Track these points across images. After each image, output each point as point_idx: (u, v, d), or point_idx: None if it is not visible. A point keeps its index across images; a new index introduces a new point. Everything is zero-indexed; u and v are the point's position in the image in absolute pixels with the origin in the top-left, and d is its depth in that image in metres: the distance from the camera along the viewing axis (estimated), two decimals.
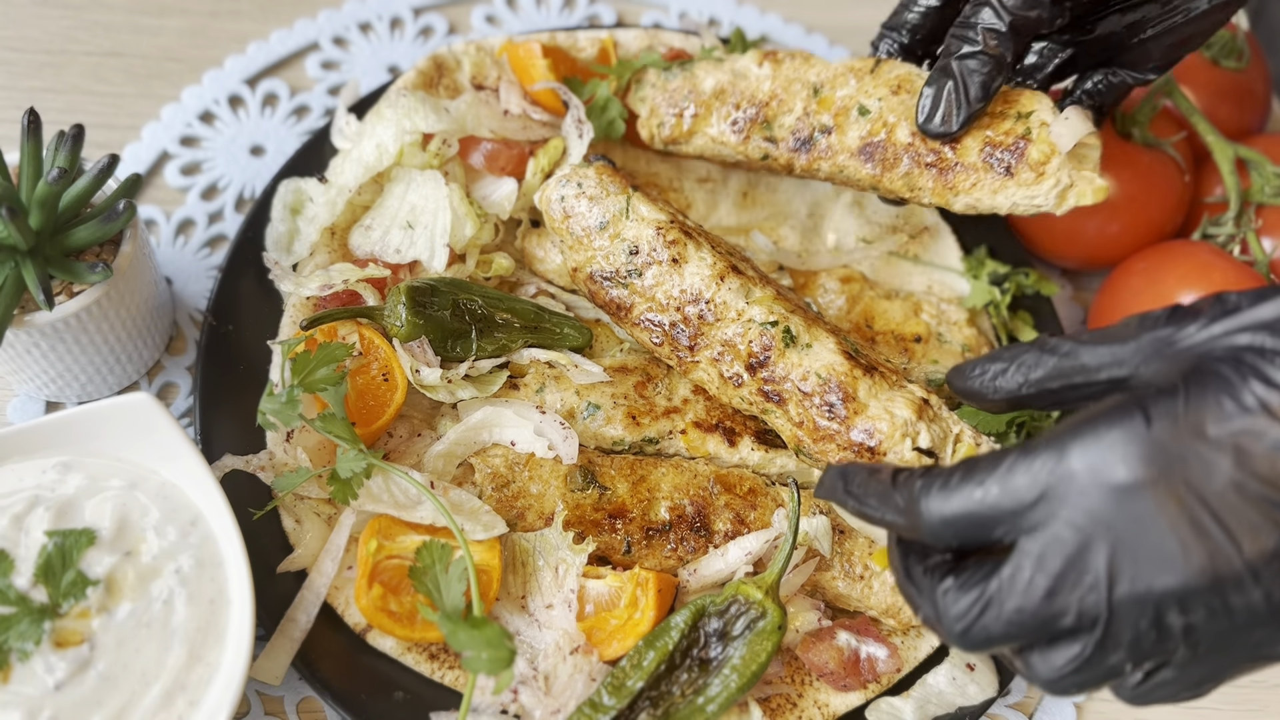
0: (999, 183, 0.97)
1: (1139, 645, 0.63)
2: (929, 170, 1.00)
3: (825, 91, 1.05)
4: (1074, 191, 0.96)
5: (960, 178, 0.99)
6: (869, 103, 1.02)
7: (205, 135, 1.31)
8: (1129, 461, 0.61)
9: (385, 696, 0.99)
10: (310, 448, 1.04)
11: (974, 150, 0.98)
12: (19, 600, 0.88)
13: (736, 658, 0.95)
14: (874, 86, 1.03)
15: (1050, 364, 0.73)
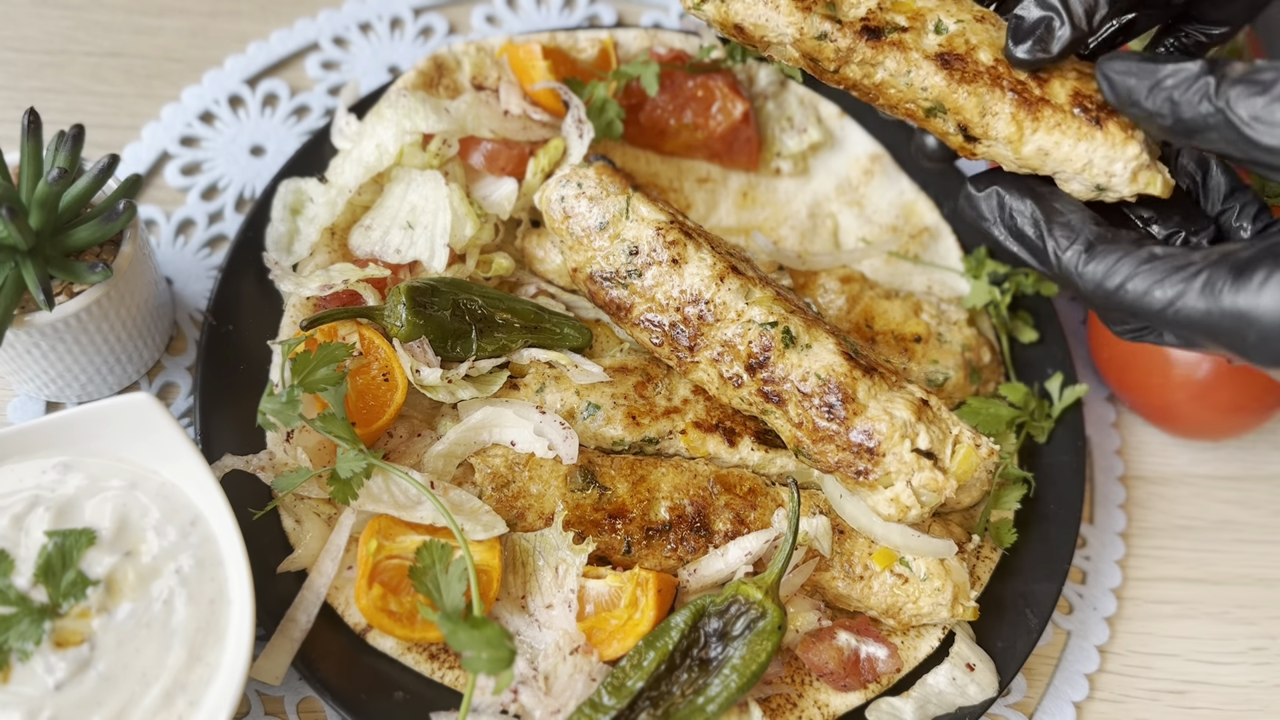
0: (1086, 130, 0.88)
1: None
2: (1010, 95, 0.90)
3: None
4: (1146, 175, 0.88)
5: (1045, 111, 0.89)
6: (948, 21, 0.92)
7: (205, 135, 1.31)
8: None
9: (385, 696, 0.99)
10: (310, 448, 1.04)
11: (1063, 94, 0.89)
12: (19, 600, 0.88)
13: (736, 658, 0.95)
14: (957, 7, 0.93)
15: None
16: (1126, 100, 0.82)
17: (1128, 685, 1.13)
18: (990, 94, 0.90)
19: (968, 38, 0.92)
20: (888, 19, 0.93)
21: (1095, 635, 1.14)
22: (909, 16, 0.93)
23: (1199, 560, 1.20)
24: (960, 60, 0.91)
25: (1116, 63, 0.82)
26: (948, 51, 0.91)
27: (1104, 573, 1.18)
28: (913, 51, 0.91)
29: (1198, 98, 0.77)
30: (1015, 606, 1.08)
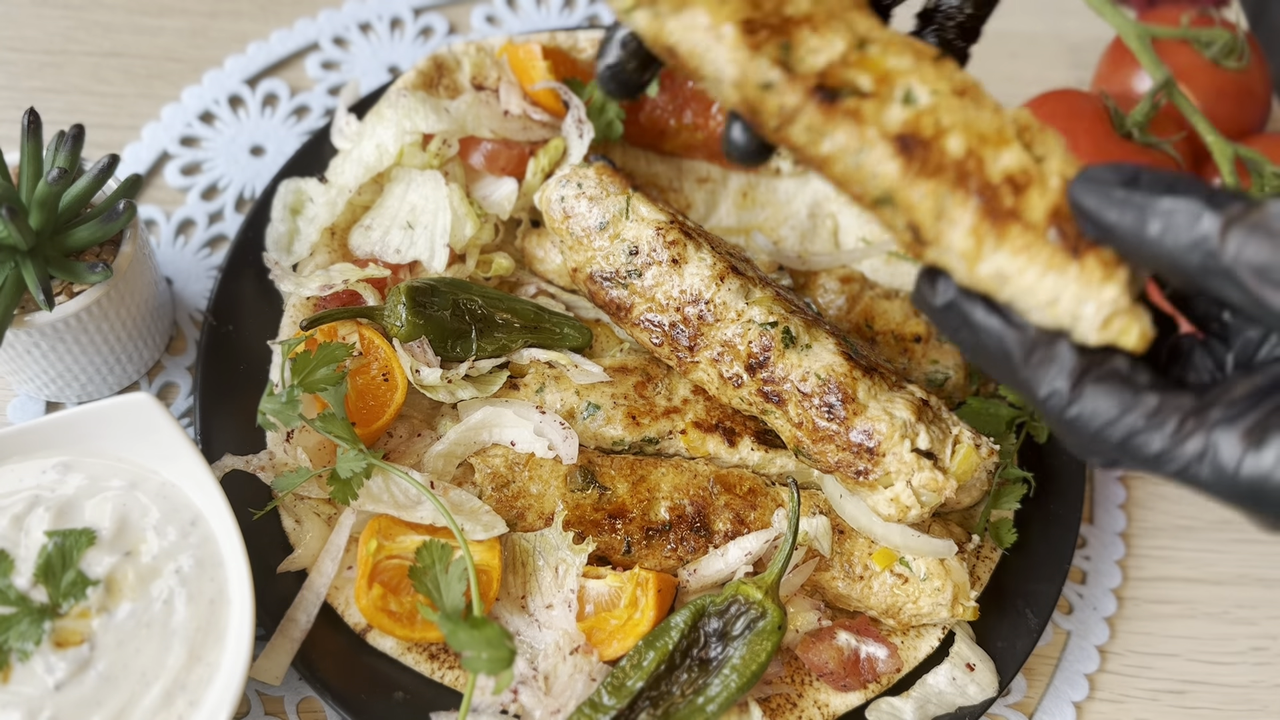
0: (1059, 261, 0.70)
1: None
2: (975, 201, 0.71)
3: (872, 50, 0.75)
4: (1121, 322, 0.70)
5: (1014, 229, 0.71)
6: (921, 92, 0.74)
7: (205, 135, 1.31)
8: None
9: (385, 696, 0.99)
10: (310, 448, 1.04)
11: (1040, 208, 0.71)
12: (19, 600, 0.88)
13: (736, 658, 0.95)
14: (934, 75, 0.75)
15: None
16: (1109, 238, 0.68)
17: (1128, 685, 1.13)
18: (951, 196, 0.72)
19: (939, 117, 0.73)
20: (849, 78, 0.74)
21: (1095, 635, 1.14)
22: (875, 78, 0.74)
23: (1199, 560, 1.20)
24: (924, 147, 0.72)
25: (1091, 195, 0.67)
26: (911, 133, 0.73)
27: (1104, 573, 1.18)
28: (870, 127, 0.73)
29: (1196, 249, 0.63)
30: (1015, 606, 1.08)
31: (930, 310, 0.76)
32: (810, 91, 0.73)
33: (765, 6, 0.73)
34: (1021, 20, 1.52)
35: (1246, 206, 0.62)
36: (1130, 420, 0.67)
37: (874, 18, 0.77)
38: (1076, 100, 1.25)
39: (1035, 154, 0.72)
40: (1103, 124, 1.22)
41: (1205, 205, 0.63)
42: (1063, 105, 1.25)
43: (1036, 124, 0.74)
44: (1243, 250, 0.61)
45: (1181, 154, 1.26)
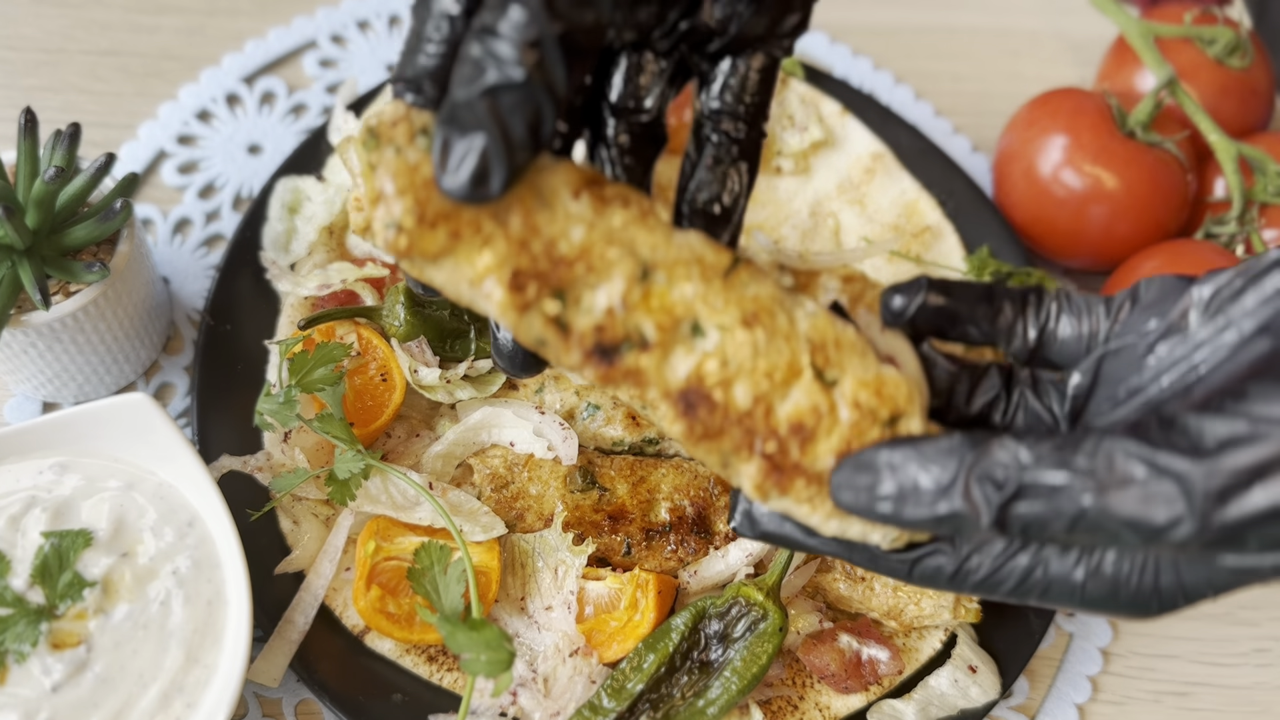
0: (839, 511, 0.69)
1: None
2: (760, 460, 0.67)
3: (657, 280, 0.66)
4: (909, 537, 0.71)
5: (797, 484, 0.68)
6: (709, 327, 0.66)
7: (202, 134, 1.30)
8: None
9: (383, 698, 0.98)
10: (308, 448, 1.03)
11: (825, 456, 0.67)
12: (15, 602, 0.88)
13: (737, 660, 0.95)
14: (723, 302, 0.67)
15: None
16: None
17: (1130, 687, 1.12)
18: (737, 454, 0.68)
19: (726, 359, 0.66)
20: (631, 327, 0.65)
21: (1098, 637, 1.14)
22: (660, 322, 0.66)
23: None
24: (707, 402, 0.66)
25: (848, 497, 0.66)
26: (695, 388, 0.66)
27: None
28: (651, 388, 0.66)
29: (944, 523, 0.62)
30: (1017, 608, 1.08)
31: (753, 536, 0.76)
32: (588, 354, 0.65)
33: (534, 248, 0.63)
34: (1024, 18, 1.51)
35: (976, 457, 0.61)
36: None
37: (661, 225, 0.68)
38: (1079, 99, 1.25)
39: (829, 378, 0.68)
40: (1105, 123, 1.22)
41: (963, 452, 0.62)
42: (1065, 104, 1.25)
43: (833, 335, 0.69)
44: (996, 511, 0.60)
45: (1185, 153, 1.25)
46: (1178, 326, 0.66)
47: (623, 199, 0.67)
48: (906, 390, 0.69)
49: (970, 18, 1.50)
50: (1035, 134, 1.25)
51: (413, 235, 0.62)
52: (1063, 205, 1.23)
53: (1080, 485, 0.57)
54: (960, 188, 1.29)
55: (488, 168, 0.58)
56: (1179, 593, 0.64)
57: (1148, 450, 0.56)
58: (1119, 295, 0.71)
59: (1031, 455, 0.59)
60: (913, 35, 1.48)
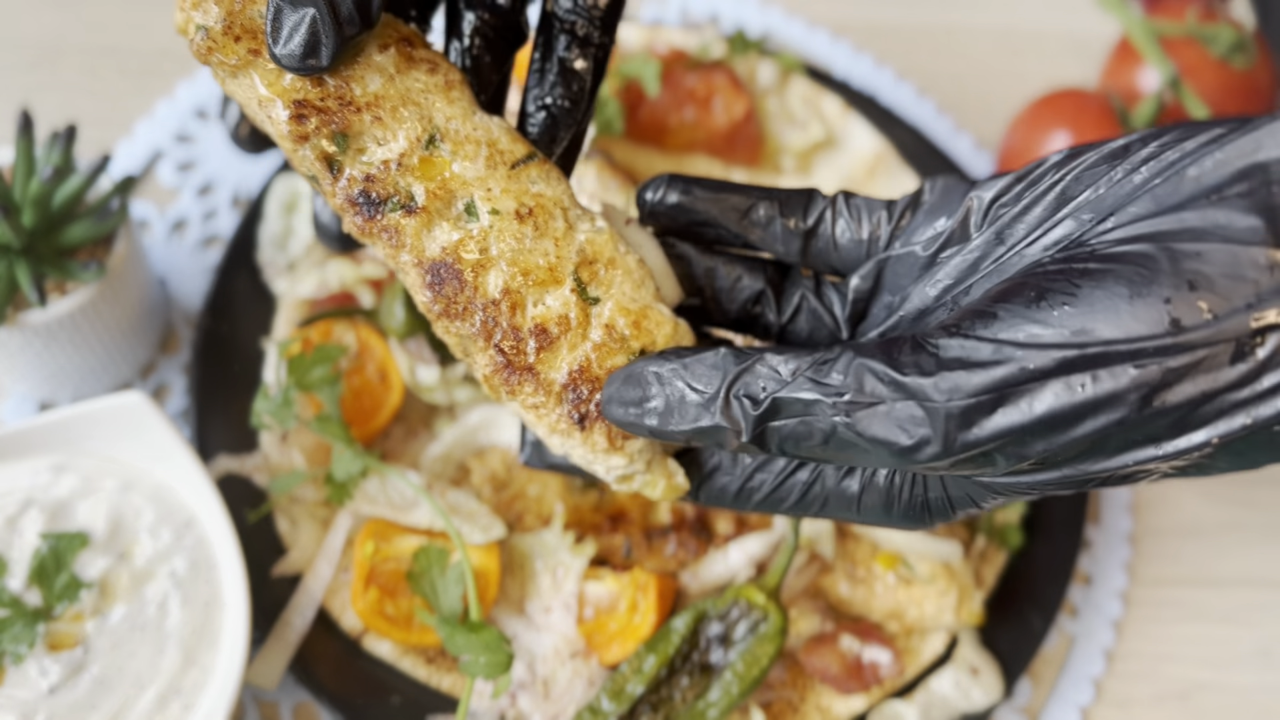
0: (563, 426, 0.67)
1: None
2: (495, 352, 0.67)
3: (441, 150, 0.67)
4: (643, 479, 0.69)
5: (525, 389, 0.67)
6: (482, 208, 0.66)
7: (200, 133, 1.30)
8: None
9: (382, 701, 0.98)
10: (306, 449, 1.03)
11: (564, 369, 0.66)
12: (12, 603, 0.88)
13: (738, 662, 0.95)
14: (502, 188, 0.67)
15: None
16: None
17: (1133, 689, 1.12)
18: (474, 341, 0.67)
19: (487, 244, 0.66)
20: (400, 185, 0.66)
21: (1100, 639, 1.13)
22: (433, 188, 0.66)
23: (1205, 563, 1.19)
24: (457, 280, 0.65)
25: (618, 414, 0.65)
26: (448, 262, 0.66)
27: (1109, 575, 1.17)
28: (404, 250, 0.66)
29: (709, 434, 0.62)
30: (1020, 610, 1.07)
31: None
32: (353, 201, 0.65)
33: (328, 86, 0.65)
34: (1027, 17, 1.51)
35: (739, 373, 0.61)
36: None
37: (464, 100, 0.68)
38: (1082, 99, 1.25)
39: (590, 294, 0.67)
40: (1108, 122, 1.22)
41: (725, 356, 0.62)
42: (1068, 104, 1.24)
43: (609, 255, 0.68)
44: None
45: None
46: (959, 235, 0.65)
47: (430, 64, 0.68)
48: (669, 331, 0.68)
49: (972, 16, 1.49)
50: (1038, 133, 1.24)
51: (217, 42, 0.65)
52: None
53: (831, 403, 0.58)
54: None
55: (317, 40, 0.62)
56: (946, 505, 0.66)
57: (895, 372, 0.57)
58: (903, 199, 0.70)
59: (789, 370, 0.59)
60: (914, 33, 1.47)
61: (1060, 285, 0.56)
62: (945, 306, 0.65)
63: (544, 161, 0.69)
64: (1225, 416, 0.54)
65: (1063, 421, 0.54)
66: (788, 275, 0.74)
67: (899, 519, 0.67)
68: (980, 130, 1.41)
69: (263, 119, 0.66)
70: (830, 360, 0.59)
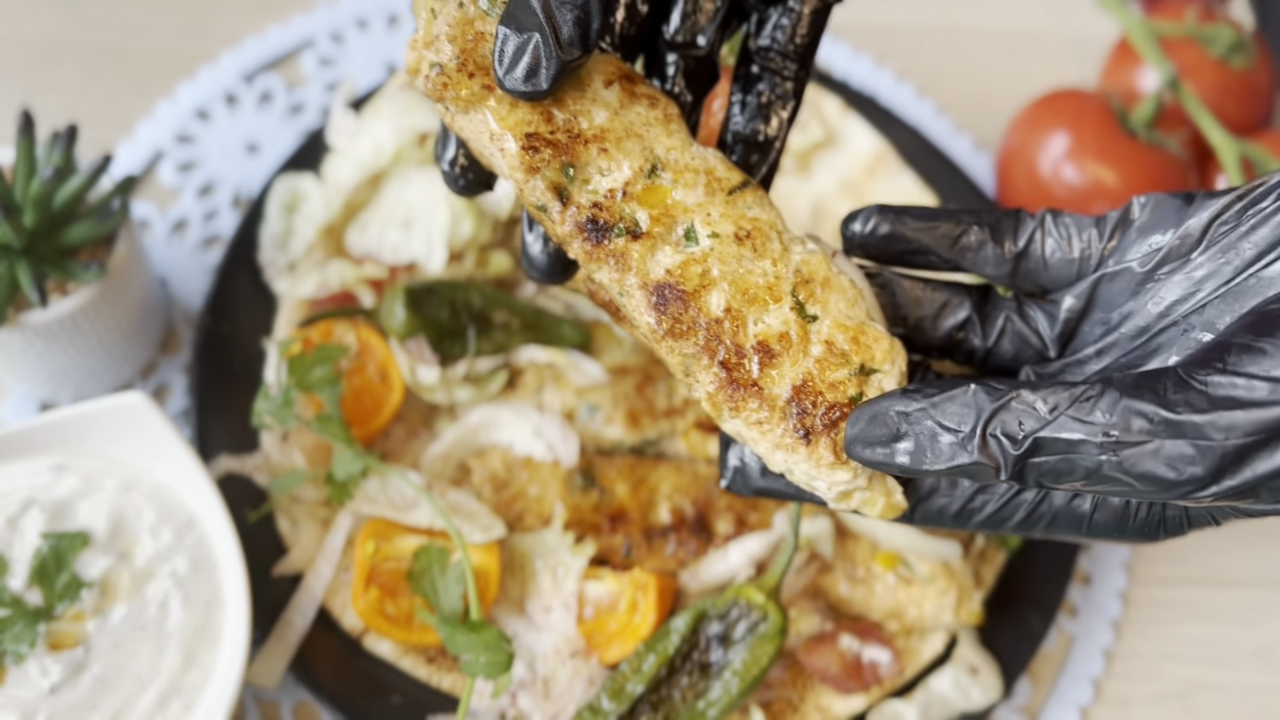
0: (788, 441, 0.67)
1: None
2: (719, 369, 0.68)
3: (663, 178, 0.70)
4: (862, 497, 0.69)
5: (750, 405, 0.67)
6: (702, 232, 0.69)
7: (200, 132, 1.30)
8: None
9: (382, 700, 0.98)
10: (306, 449, 1.03)
11: (785, 383, 0.67)
12: (13, 603, 0.88)
13: (738, 662, 0.95)
14: (720, 213, 0.70)
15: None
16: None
17: (1133, 689, 1.12)
18: (698, 360, 0.68)
19: (708, 266, 0.68)
20: (624, 212, 0.68)
21: (1100, 638, 1.13)
22: (656, 214, 0.69)
23: (1204, 562, 1.19)
24: (681, 301, 0.68)
25: (863, 452, 0.65)
26: (674, 284, 0.68)
27: (1109, 575, 1.17)
28: (631, 274, 0.68)
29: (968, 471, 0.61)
30: (1019, 609, 1.07)
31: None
32: (580, 226, 0.68)
33: (556, 120, 0.69)
34: (1027, 17, 1.51)
35: (994, 410, 0.60)
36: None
37: (682, 132, 0.72)
38: (1081, 100, 1.25)
39: (808, 312, 0.69)
40: (1108, 122, 1.22)
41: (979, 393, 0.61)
42: (1068, 104, 1.24)
43: (824, 275, 0.70)
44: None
45: (1187, 152, 1.25)
46: (1177, 251, 0.65)
47: (651, 99, 0.71)
48: (887, 347, 0.69)
49: (972, 16, 1.49)
50: (1038, 133, 1.24)
51: (452, 79, 0.68)
52: (1065, 204, 1.22)
53: (1097, 441, 0.58)
54: (962, 186, 1.29)
55: (538, 64, 0.65)
56: (1183, 520, 0.66)
57: (1167, 411, 0.57)
58: (1111, 215, 0.70)
59: (1047, 408, 0.59)
60: (914, 33, 1.47)
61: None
62: (1174, 325, 0.65)
63: (757, 188, 0.72)
64: None
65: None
66: (989, 298, 0.75)
67: (1131, 534, 0.67)
68: (980, 130, 1.41)
69: (492, 153, 0.69)
70: (1093, 398, 0.58)
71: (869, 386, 0.68)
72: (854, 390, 0.68)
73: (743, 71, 0.77)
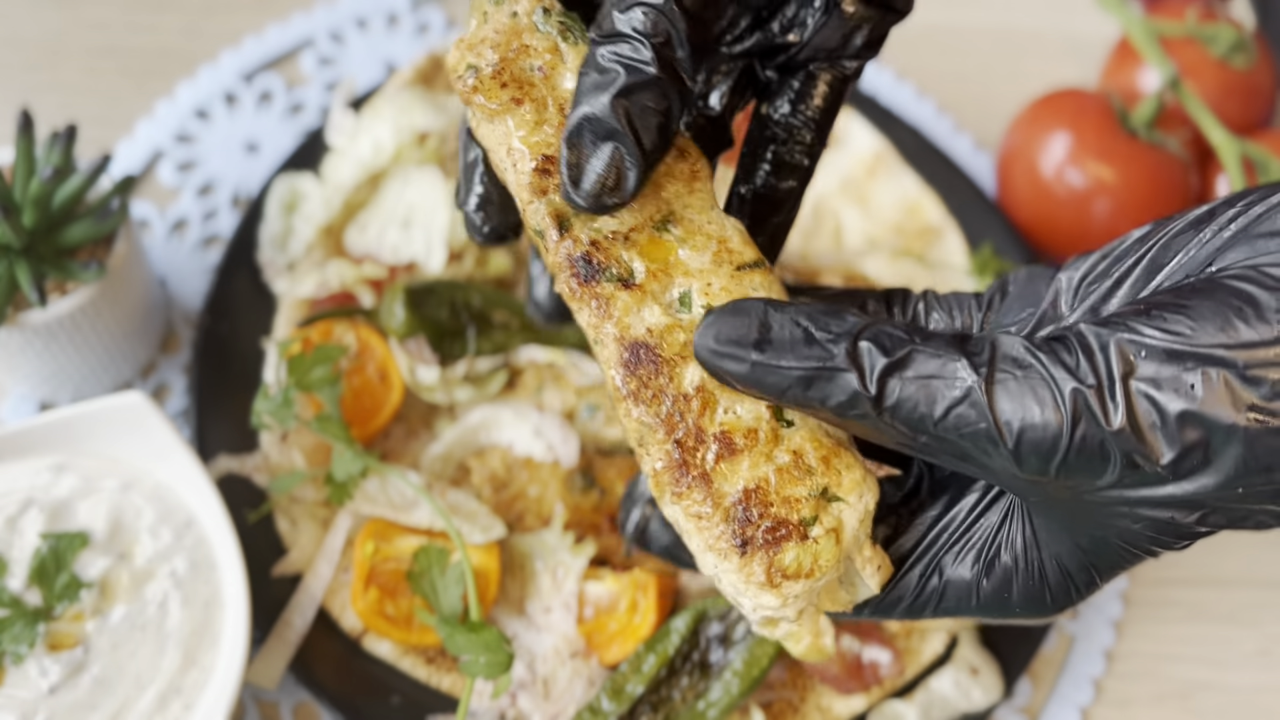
0: (722, 546, 0.62)
1: None
2: (673, 448, 0.62)
3: (672, 232, 0.65)
4: (785, 629, 0.64)
5: (694, 495, 0.62)
6: (697, 299, 0.63)
7: (200, 132, 1.30)
8: None
9: (382, 700, 0.98)
10: (306, 449, 1.03)
11: (738, 482, 0.62)
12: (13, 603, 0.88)
13: (738, 662, 0.94)
14: (722, 286, 0.64)
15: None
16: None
17: (1133, 689, 1.12)
18: (655, 428, 0.62)
19: (690, 330, 0.63)
20: (621, 258, 0.63)
21: (1100, 639, 1.13)
22: (654, 268, 0.63)
23: (1204, 562, 1.19)
24: (655, 365, 0.62)
25: (709, 338, 0.60)
26: (652, 345, 0.62)
27: None
28: (610, 322, 0.63)
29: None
30: None
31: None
32: (570, 260, 0.63)
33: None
34: (1027, 16, 1.51)
35: (873, 320, 0.58)
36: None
37: (705, 193, 0.66)
38: (1082, 99, 1.24)
39: (785, 416, 0.63)
40: (1108, 122, 1.22)
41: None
42: (1068, 103, 1.24)
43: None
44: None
45: (1187, 152, 1.25)
46: (1050, 316, 0.64)
47: (680, 150, 0.66)
48: (859, 478, 0.63)
49: (973, 16, 1.49)
50: (1038, 133, 1.24)
51: (484, 84, 0.65)
52: (1066, 204, 1.22)
53: (968, 370, 0.55)
54: (962, 186, 1.29)
55: (621, 174, 0.60)
56: (1068, 584, 0.62)
57: (1045, 354, 0.55)
58: (989, 288, 0.69)
59: (923, 339, 0.57)
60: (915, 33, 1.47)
61: (1167, 300, 0.55)
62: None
63: (769, 270, 0.66)
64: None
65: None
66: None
67: (1019, 603, 0.64)
68: (980, 130, 1.41)
69: (507, 167, 0.66)
70: (973, 342, 0.56)
71: (826, 514, 0.62)
72: (808, 512, 0.62)
73: (755, 133, 0.74)
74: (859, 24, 0.70)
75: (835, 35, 0.71)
